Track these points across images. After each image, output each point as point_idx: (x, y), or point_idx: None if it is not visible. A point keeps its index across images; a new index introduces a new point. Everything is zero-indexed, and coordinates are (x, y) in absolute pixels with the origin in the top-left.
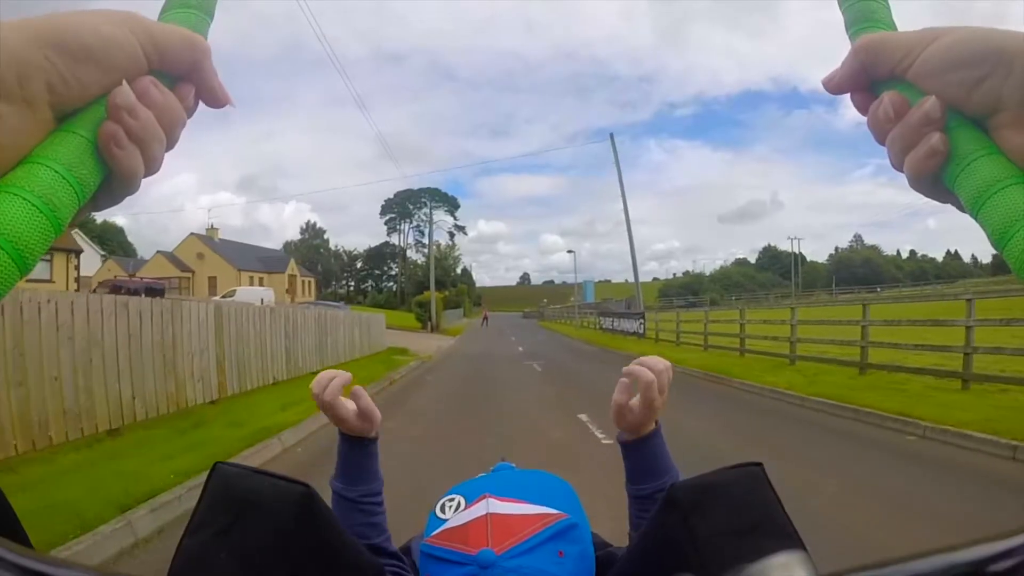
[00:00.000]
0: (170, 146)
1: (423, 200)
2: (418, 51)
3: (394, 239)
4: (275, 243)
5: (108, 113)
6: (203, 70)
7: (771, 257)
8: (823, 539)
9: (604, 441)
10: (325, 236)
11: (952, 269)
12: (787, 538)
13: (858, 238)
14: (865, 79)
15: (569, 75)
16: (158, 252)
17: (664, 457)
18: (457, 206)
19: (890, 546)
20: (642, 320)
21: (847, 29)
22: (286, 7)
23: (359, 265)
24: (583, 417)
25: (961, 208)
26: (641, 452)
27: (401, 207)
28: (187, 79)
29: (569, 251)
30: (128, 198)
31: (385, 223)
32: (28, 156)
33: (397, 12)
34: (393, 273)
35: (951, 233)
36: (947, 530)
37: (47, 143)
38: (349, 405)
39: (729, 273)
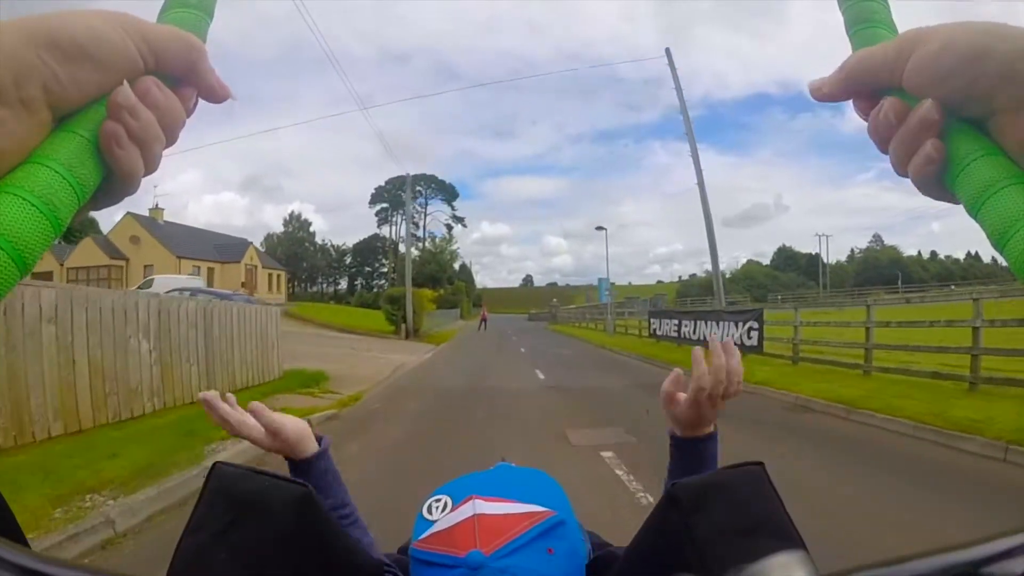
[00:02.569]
0: (169, 145)
1: (418, 188)
2: (422, 51)
3: (385, 231)
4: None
5: (109, 113)
6: (200, 70)
7: (787, 258)
8: None
9: None
10: (311, 229)
11: (977, 270)
12: (787, 538)
13: (877, 238)
14: (851, 94)
15: (573, 76)
16: (88, 235)
17: (709, 464)
18: (455, 195)
19: None
20: (756, 324)
21: (847, 30)
22: (290, 7)
23: (348, 261)
24: None
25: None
26: (686, 452)
27: (393, 196)
28: (186, 79)
29: (599, 227)
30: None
31: (376, 214)
32: (28, 156)
33: (400, 12)
34: (384, 270)
35: (956, 236)
36: None
37: (47, 143)
38: (253, 423)
39: (751, 273)
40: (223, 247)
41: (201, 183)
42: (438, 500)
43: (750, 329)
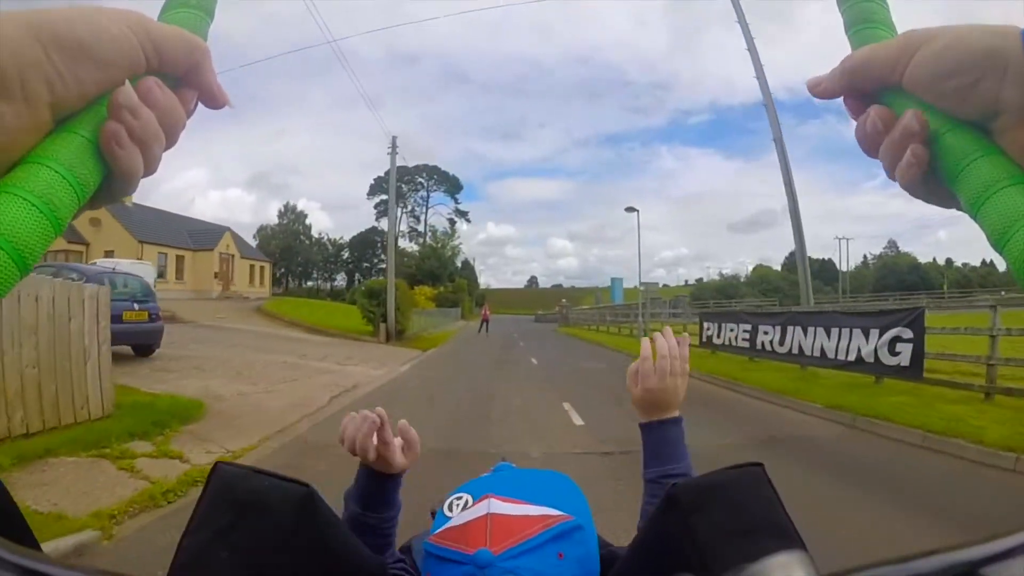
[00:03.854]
0: (169, 146)
1: (419, 180)
2: (431, 53)
3: (384, 224)
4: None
5: (110, 112)
6: (202, 71)
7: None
8: None
9: None
10: (307, 221)
11: (996, 278)
12: (787, 538)
13: (892, 244)
14: (850, 91)
15: (581, 80)
16: None
17: (677, 445)
18: (459, 188)
19: None
20: (910, 333)
21: (846, 30)
22: (298, 8)
23: (346, 256)
24: None
25: (966, 212)
26: (656, 435)
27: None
28: (186, 80)
29: (629, 209)
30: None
31: (375, 206)
32: (28, 156)
33: (411, 14)
34: (383, 266)
35: (962, 245)
36: None
37: (47, 142)
38: (396, 444)
39: (768, 276)
40: (196, 233)
41: (208, 179)
42: (459, 498)
43: (895, 341)
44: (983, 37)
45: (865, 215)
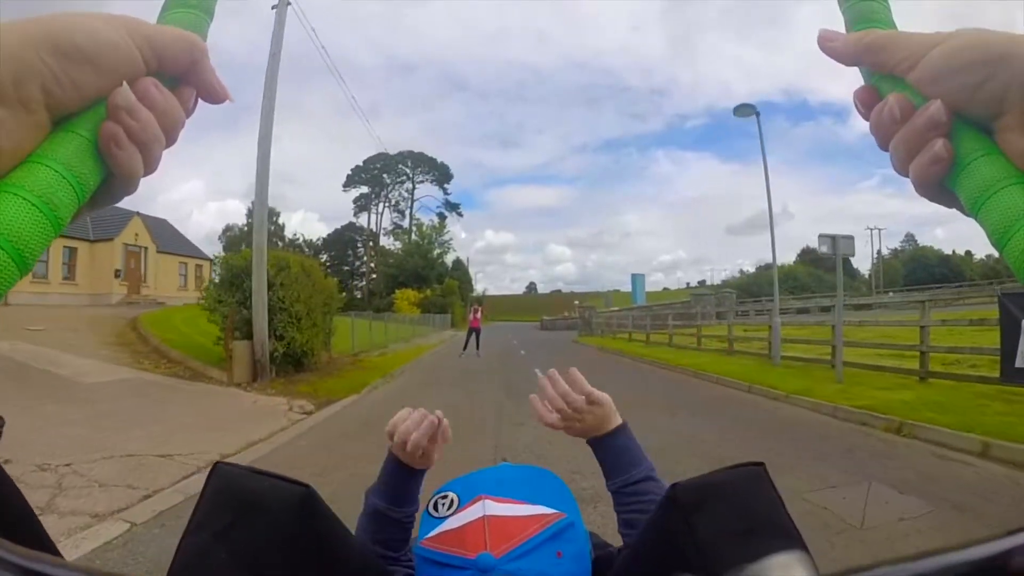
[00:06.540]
0: (169, 145)
1: (404, 170)
2: (430, 61)
3: (363, 220)
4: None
5: (108, 113)
6: (201, 69)
7: (813, 260)
8: None
9: None
10: (280, 221)
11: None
12: (788, 538)
13: (910, 238)
14: (857, 61)
15: (580, 86)
16: None
17: (628, 453)
18: (449, 177)
19: None
20: None
21: (847, 29)
22: (297, 15)
23: (324, 258)
24: None
25: (965, 212)
26: (604, 449)
27: (373, 178)
28: (186, 79)
29: (745, 107)
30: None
31: (354, 200)
32: (28, 156)
33: (410, 23)
34: (363, 270)
35: (961, 241)
36: None
37: (48, 143)
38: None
39: (795, 272)
40: (99, 221)
41: (204, 190)
42: (444, 497)
43: None
44: (998, 38)
45: (861, 214)
